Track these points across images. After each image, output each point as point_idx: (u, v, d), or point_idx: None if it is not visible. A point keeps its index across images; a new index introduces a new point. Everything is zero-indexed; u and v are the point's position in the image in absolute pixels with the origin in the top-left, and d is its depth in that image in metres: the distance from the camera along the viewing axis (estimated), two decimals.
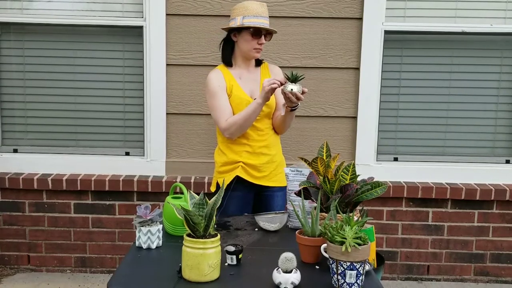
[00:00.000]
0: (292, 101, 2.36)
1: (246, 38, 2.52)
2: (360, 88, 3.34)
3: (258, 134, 2.60)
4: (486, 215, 3.41)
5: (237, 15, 2.51)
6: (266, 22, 2.53)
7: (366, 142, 3.40)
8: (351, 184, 1.95)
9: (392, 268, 3.48)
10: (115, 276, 1.76)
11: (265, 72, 2.66)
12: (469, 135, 3.50)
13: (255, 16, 2.47)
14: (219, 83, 2.55)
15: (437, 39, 3.40)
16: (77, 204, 3.40)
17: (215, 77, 2.58)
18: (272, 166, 2.65)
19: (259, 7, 2.51)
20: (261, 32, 2.51)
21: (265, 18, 2.52)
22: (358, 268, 1.63)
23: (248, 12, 2.48)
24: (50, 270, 3.49)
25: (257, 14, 2.48)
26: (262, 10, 2.52)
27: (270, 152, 2.64)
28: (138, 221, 2.01)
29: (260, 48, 2.54)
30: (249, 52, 2.55)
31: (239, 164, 2.59)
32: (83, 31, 3.38)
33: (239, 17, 2.49)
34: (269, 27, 2.54)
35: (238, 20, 2.50)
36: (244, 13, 2.48)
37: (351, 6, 3.28)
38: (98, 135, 3.50)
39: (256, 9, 2.49)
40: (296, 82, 2.32)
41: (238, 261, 1.85)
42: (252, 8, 2.49)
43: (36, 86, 3.45)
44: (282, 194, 2.67)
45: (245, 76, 2.62)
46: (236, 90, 2.57)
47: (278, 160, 2.68)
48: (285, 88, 2.32)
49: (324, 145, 2.15)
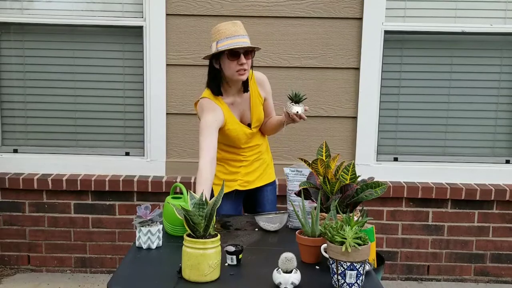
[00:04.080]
0: (296, 121, 2.35)
1: (225, 62, 2.34)
2: (360, 88, 3.34)
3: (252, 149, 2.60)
4: (486, 215, 3.41)
5: (212, 41, 2.36)
6: (242, 40, 2.31)
7: (366, 142, 3.40)
8: (351, 184, 1.95)
9: (392, 268, 3.48)
10: (115, 276, 1.77)
11: (254, 88, 2.52)
12: (469, 135, 3.50)
13: (227, 38, 2.29)
14: (215, 119, 2.35)
15: (437, 39, 3.40)
16: (77, 204, 3.40)
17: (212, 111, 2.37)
18: (263, 166, 2.67)
19: (231, 27, 2.32)
20: (238, 52, 2.29)
21: (240, 37, 2.31)
22: (358, 268, 1.63)
23: (220, 36, 2.31)
24: (50, 270, 3.49)
25: (230, 35, 2.29)
26: (234, 29, 2.31)
27: (262, 156, 2.67)
28: (138, 221, 2.01)
29: (243, 68, 2.32)
30: (232, 76, 2.36)
31: (237, 182, 2.59)
32: (83, 31, 3.38)
33: (214, 43, 2.34)
34: (249, 43, 2.33)
35: (213, 47, 2.34)
36: (217, 37, 2.32)
37: (351, 6, 3.28)
38: (98, 135, 3.50)
39: (227, 30, 2.30)
40: (299, 102, 2.30)
41: (238, 261, 1.85)
42: (224, 30, 2.31)
43: (36, 86, 3.45)
44: (272, 188, 2.71)
45: (237, 101, 2.49)
46: (232, 123, 2.45)
47: (268, 160, 2.71)
48: (289, 110, 2.30)
49: (323, 145, 2.15)
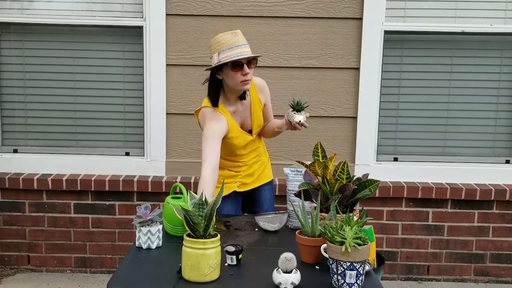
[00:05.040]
0: (297, 129, 2.36)
1: (228, 73, 2.32)
2: (360, 88, 3.34)
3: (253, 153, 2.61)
4: (486, 215, 3.41)
5: (213, 52, 2.34)
6: (244, 50, 2.30)
7: (366, 142, 3.39)
8: (348, 184, 1.95)
9: (392, 268, 3.48)
10: (115, 276, 1.77)
11: (254, 94, 2.52)
12: (469, 135, 3.49)
13: (229, 48, 2.28)
14: (219, 127, 2.36)
15: (437, 39, 3.39)
16: (77, 204, 3.40)
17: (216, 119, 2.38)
18: (262, 168, 2.69)
19: (232, 37, 2.30)
20: (241, 62, 2.29)
21: (242, 47, 2.30)
22: (358, 268, 1.63)
23: (221, 47, 2.29)
24: (50, 270, 3.49)
25: (231, 45, 2.28)
26: (236, 39, 2.30)
27: (261, 158, 2.69)
28: (138, 221, 2.01)
29: (247, 78, 2.32)
30: (236, 86, 2.36)
31: (236, 184, 2.59)
32: (83, 31, 3.38)
33: (215, 54, 2.32)
34: (250, 51, 2.33)
35: (215, 58, 2.32)
36: (219, 48, 2.30)
37: (351, 6, 3.28)
38: (98, 135, 3.50)
39: (228, 41, 2.29)
40: (301, 110, 2.31)
41: (238, 261, 1.85)
42: (225, 40, 2.30)
43: (36, 86, 3.44)
44: (269, 187, 2.72)
45: (239, 109, 2.50)
46: (235, 131, 2.46)
47: (265, 160, 2.73)
48: (291, 118, 2.31)
49: (318, 146, 2.11)
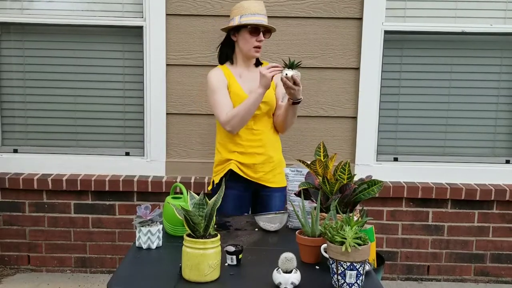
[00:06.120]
0: (290, 87, 2.36)
1: (245, 36, 2.55)
2: (360, 88, 3.34)
3: (253, 133, 2.60)
4: (486, 215, 3.41)
5: (235, 15, 2.56)
6: (264, 20, 2.56)
7: (366, 142, 3.39)
8: (349, 184, 1.95)
9: (392, 268, 3.48)
10: (115, 276, 1.76)
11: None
12: (469, 135, 3.49)
13: (253, 14, 2.51)
14: (219, 79, 2.59)
15: (437, 39, 3.39)
16: (77, 204, 3.40)
17: (215, 74, 2.62)
18: (269, 166, 2.63)
19: (257, 5, 2.55)
20: (259, 29, 2.54)
21: (263, 16, 2.56)
22: (358, 268, 1.63)
23: (245, 11, 2.52)
24: (50, 270, 3.49)
25: (255, 12, 2.52)
26: (260, 8, 2.56)
27: (267, 152, 2.62)
28: (138, 221, 2.01)
29: (260, 45, 2.57)
30: (248, 51, 2.58)
31: (232, 162, 2.61)
32: (83, 31, 3.38)
33: (236, 16, 2.54)
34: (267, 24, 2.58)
35: (236, 20, 2.54)
36: (242, 12, 2.53)
37: (351, 6, 3.28)
38: (98, 135, 3.50)
39: (253, 7, 2.53)
40: (294, 69, 2.34)
41: (238, 261, 1.85)
42: (249, 6, 2.53)
43: (36, 86, 3.44)
44: (281, 195, 2.67)
45: (245, 74, 2.64)
46: (235, 88, 2.59)
47: (276, 161, 2.66)
48: (282, 75, 2.35)
49: (320, 145, 2.12)
